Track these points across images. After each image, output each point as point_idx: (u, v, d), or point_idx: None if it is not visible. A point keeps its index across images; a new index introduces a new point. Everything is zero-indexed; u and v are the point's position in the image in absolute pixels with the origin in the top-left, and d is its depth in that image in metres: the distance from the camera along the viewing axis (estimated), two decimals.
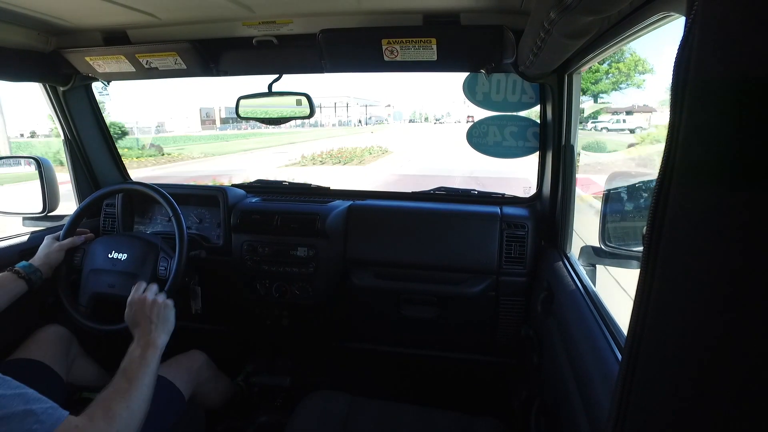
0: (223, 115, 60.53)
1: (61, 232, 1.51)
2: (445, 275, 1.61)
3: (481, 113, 1.81)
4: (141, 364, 1.05)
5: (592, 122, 25.92)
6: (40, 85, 1.69)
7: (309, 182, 2.06)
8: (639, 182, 1.24)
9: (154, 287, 1.29)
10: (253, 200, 1.81)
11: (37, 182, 1.70)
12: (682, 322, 0.35)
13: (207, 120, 59.22)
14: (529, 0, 1.09)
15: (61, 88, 1.72)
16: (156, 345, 1.11)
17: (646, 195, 1.18)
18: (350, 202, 1.76)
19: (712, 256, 0.32)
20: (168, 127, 52.84)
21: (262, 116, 1.62)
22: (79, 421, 0.84)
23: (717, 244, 0.32)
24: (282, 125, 1.65)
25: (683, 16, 0.58)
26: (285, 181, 2.07)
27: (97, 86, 1.85)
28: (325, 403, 1.31)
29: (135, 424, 0.95)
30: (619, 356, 0.82)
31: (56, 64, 1.53)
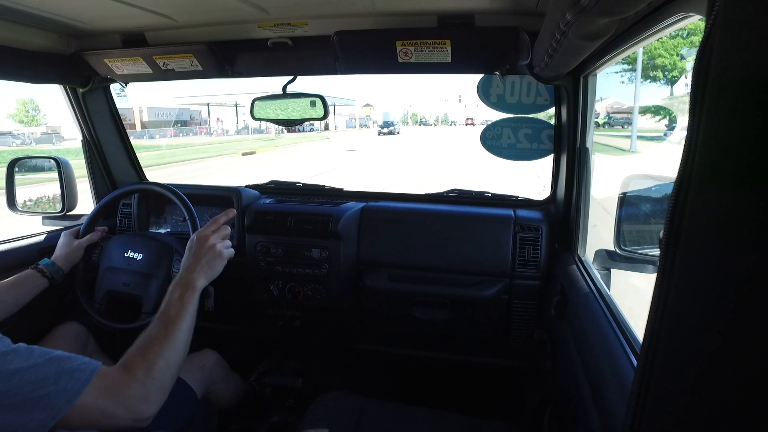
0: (146, 118, 46.70)
1: (80, 230, 1.54)
2: (458, 278, 1.61)
3: (488, 115, 1.80)
4: (179, 306, 1.02)
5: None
6: (61, 86, 1.73)
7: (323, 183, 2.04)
8: (655, 185, 1.22)
9: (224, 230, 1.21)
10: (267, 201, 1.82)
11: None
12: (700, 328, 0.35)
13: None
14: (545, 1, 1.08)
15: (81, 90, 1.75)
16: (195, 287, 1.08)
17: (662, 198, 1.17)
18: (363, 204, 1.76)
19: (732, 261, 0.32)
20: (67, 132, 36.96)
21: (276, 117, 1.63)
22: (114, 371, 0.84)
23: (736, 249, 0.31)
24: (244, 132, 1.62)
25: (703, 17, 0.57)
26: (298, 182, 2.08)
27: (114, 88, 1.89)
28: (337, 404, 1.31)
29: (172, 371, 0.93)
30: (635, 362, 0.81)
31: (76, 66, 1.56)
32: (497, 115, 1.79)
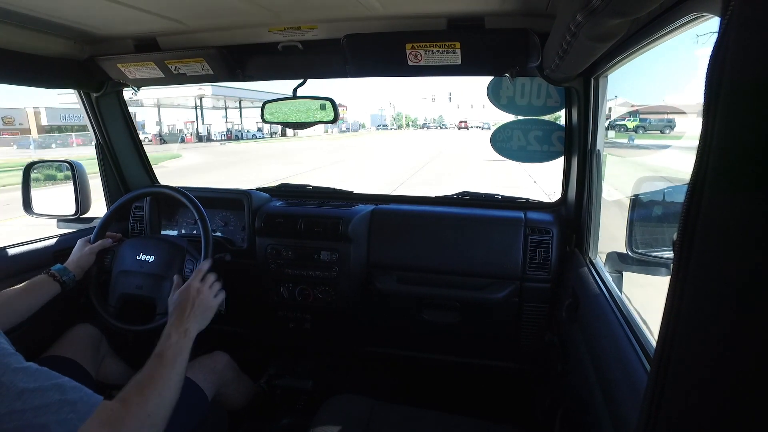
0: (45, 122, 36.55)
1: (92, 236, 1.56)
2: (468, 280, 1.60)
3: (487, 117, 1.79)
4: (176, 352, 1.08)
5: None
6: (75, 91, 1.75)
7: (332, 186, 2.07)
8: (668, 187, 1.21)
9: (211, 278, 1.34)
10: (277, 204, 1.83)
11: None
12: (715, 333, 0.34)
13: (3, 129, 34.09)
14: (555, 3, 1.07)
15: (94, 95, 1.77)
16: (189, 336, 1.16)
17: (675, 201, 1.15)
18: (373, 206, 1.76)
19: (746, 264, 0.31)
20: None
21: (286, 120, 1.64)
22: (113, 406, 0.87)
23: (751, 252, 0.31)
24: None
25: (717, 17, 0.56)
26: (309, 185, 2.09)
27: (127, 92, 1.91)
28: (347, 406, 1.31)
29: (167, 410, 0.97)
30: (647, 366, 0.80)
31: (90, 71, 1.59)
32: (496, 118, 1.79)
